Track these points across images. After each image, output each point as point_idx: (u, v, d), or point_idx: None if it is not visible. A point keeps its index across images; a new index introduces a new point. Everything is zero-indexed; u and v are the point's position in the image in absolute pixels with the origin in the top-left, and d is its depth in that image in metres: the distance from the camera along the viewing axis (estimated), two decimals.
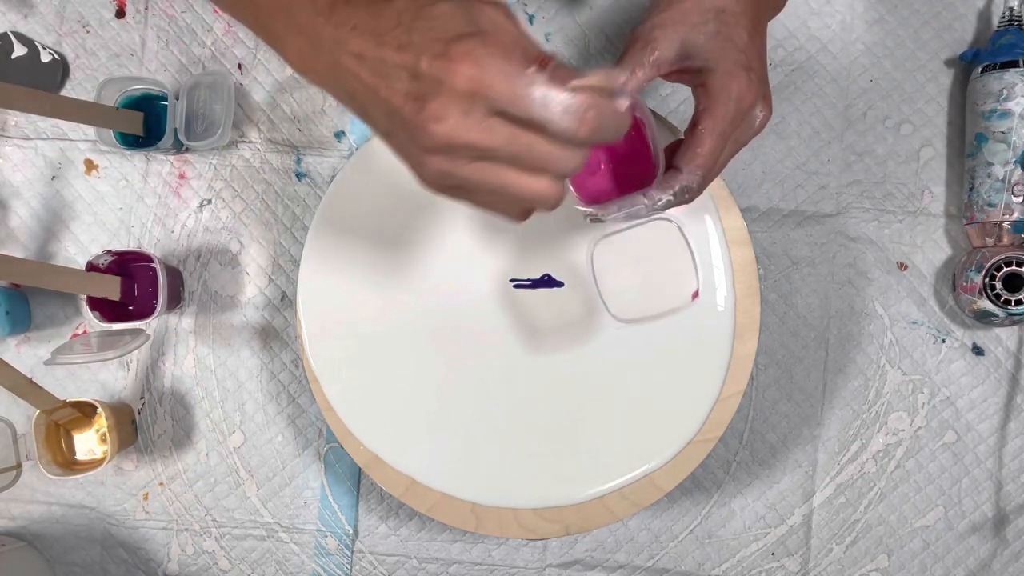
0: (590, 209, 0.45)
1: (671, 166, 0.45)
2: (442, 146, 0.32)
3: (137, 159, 0.69)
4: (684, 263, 0.54)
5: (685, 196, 0.45)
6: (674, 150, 0.46)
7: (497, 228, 0.60)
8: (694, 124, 0.45)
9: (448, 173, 0.34)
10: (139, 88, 0.66)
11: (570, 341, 0.59)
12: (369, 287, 0.60)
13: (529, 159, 0.33)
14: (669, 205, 0.46)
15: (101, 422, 0.65)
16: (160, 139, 0.65)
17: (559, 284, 0.59)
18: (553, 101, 0.31)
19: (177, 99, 0.66)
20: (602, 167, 0.44)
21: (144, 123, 0.66)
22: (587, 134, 0.33)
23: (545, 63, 0.32)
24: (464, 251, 0.60)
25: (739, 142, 0.46)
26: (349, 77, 0.34)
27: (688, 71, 0.45)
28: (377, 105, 0.34)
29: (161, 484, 0.69)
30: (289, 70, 0.69)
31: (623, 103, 0.34)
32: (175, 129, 0.65)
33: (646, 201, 0.45)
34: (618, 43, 0.69)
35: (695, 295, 0.53)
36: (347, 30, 0.34)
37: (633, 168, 0.44)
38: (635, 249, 0.55)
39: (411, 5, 0.33)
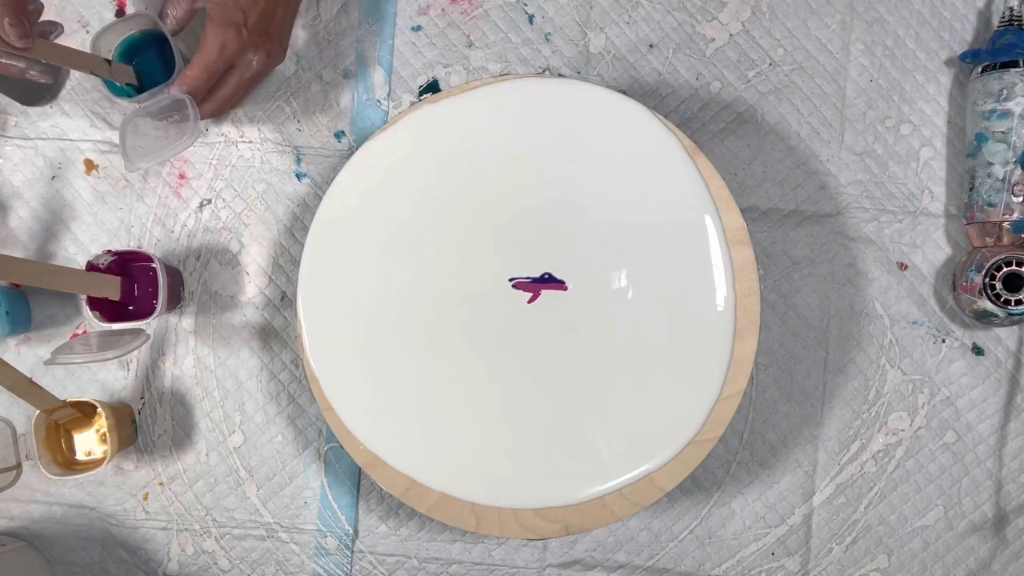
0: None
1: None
2: None
3: None
4: None
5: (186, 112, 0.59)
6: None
7: (497, 227, 0.60)
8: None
9: None
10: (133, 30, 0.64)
11: (570, 340, 0.59)
12: (369, 287, 0.60)
13: None
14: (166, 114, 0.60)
15: (101, 422, 0.65)
16: (161, 81, 0.62)
17: (559, 282, 0.59)
18: None
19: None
20: None
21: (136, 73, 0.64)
22: None
23: None
24: (464, 250, 0.60)
25: (244, 79, 0.62)
26: None
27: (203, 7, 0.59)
28: None
29: (161, 484, 0.69)
30: (290, 70, 0.69)
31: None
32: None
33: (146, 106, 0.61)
34: (619, 43, 0.69)
35: None
36: None
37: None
38: None
39: None
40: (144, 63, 0.65)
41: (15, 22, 0.50)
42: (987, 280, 0.63)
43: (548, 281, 0.59)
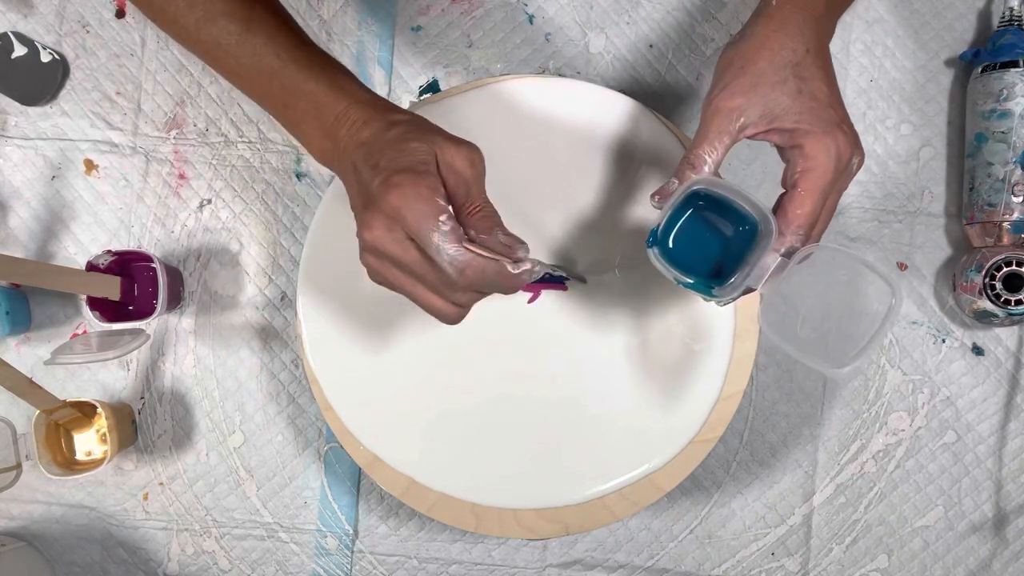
0: (733, 295, 0.46)
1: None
2: (369, 248, 0.41)
3: (137, 159, 0.69)
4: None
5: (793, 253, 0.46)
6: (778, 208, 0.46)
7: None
8: (793, 185, 0.45)
9: (376, 271, 0.42)
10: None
11: (570, 341, 0.59)
12: (369, 287, 0.60)
13: (429, 282, 0.41)
14: (784, 267, 0.46)
15: (101, 422, 0.65)
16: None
17: (560, 282, 0.59)
18: (443, 250, 0.39)
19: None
20: None
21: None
22: (465, 284, 0.40)
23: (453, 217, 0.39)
24: None
25: (840, 191, 0.47)
26: (349, 177, 0.43)
27: (776, 131, 0.45)
28: (353, 203, 0.44)
29: (161, 484, 0.69)
30: None
31: (519, 269, 0.41)
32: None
33: (756, 271, 0.45)
34: (619, 43, 0.69)
35: None
36: (355, 144, 0.43)
37: None
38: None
39: (400, 137, 0.41)
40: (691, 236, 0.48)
41: (510, 241, 0.42)
42: (987, 280, 0.63)
43: (548, 281, 0.59)
